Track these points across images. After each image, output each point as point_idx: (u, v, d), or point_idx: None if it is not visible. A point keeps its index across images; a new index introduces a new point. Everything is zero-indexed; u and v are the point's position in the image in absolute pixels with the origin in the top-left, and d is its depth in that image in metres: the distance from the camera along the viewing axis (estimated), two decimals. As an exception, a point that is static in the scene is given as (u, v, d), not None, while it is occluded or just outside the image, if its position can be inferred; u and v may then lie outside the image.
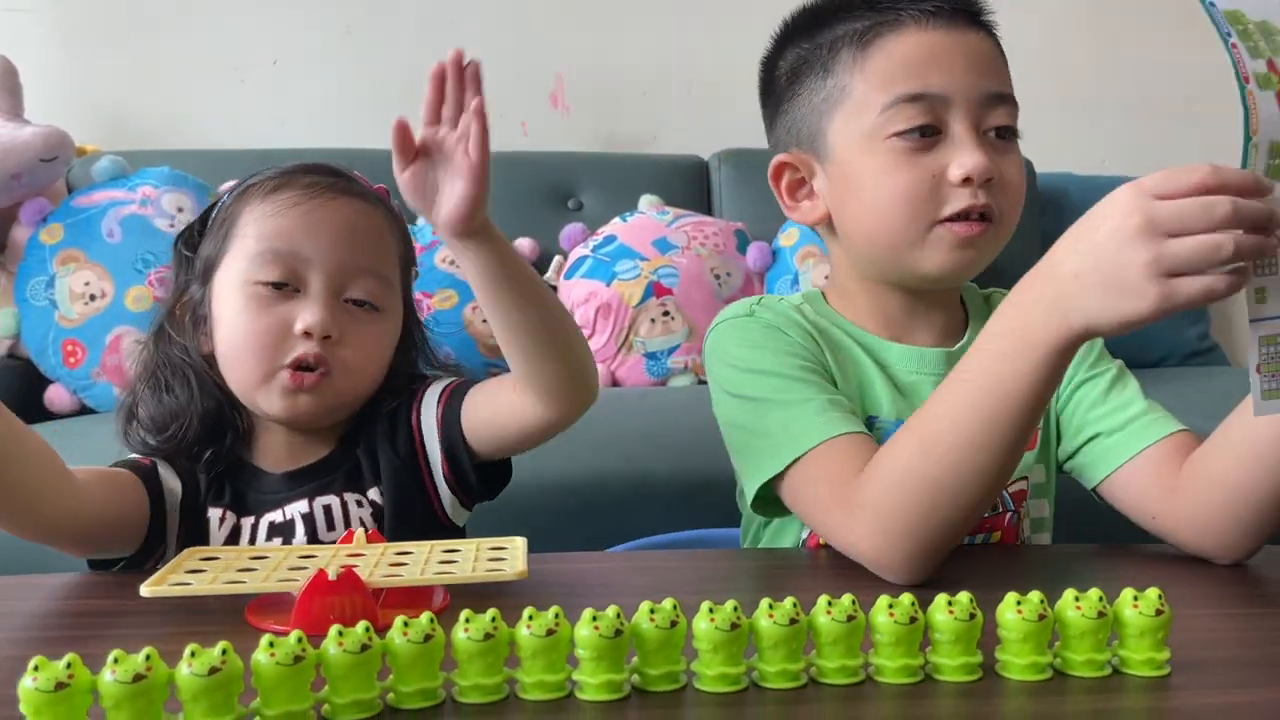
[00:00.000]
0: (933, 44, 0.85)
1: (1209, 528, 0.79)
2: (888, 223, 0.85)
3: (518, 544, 0.74)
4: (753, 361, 0.87)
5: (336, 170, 0.93)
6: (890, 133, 0.84)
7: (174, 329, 0.92)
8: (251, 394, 0.88)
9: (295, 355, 0.86)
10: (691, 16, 2.62)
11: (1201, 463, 0.80)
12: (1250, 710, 0.54)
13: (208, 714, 0.49)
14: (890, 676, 0.56)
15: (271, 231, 0.88)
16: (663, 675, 0.55)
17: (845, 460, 0.78)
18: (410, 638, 0.53)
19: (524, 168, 2.38)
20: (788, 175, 0.92)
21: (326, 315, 0.86)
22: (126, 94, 2.46)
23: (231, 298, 0.88)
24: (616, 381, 2.10)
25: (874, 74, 0.85)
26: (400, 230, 0.96)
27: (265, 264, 0.87)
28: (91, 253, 1.93)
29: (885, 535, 0.73)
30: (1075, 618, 0.57)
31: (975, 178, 0.82)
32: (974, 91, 0.84)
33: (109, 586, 0.78)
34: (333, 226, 0.88)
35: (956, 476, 0.71)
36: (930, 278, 0.87)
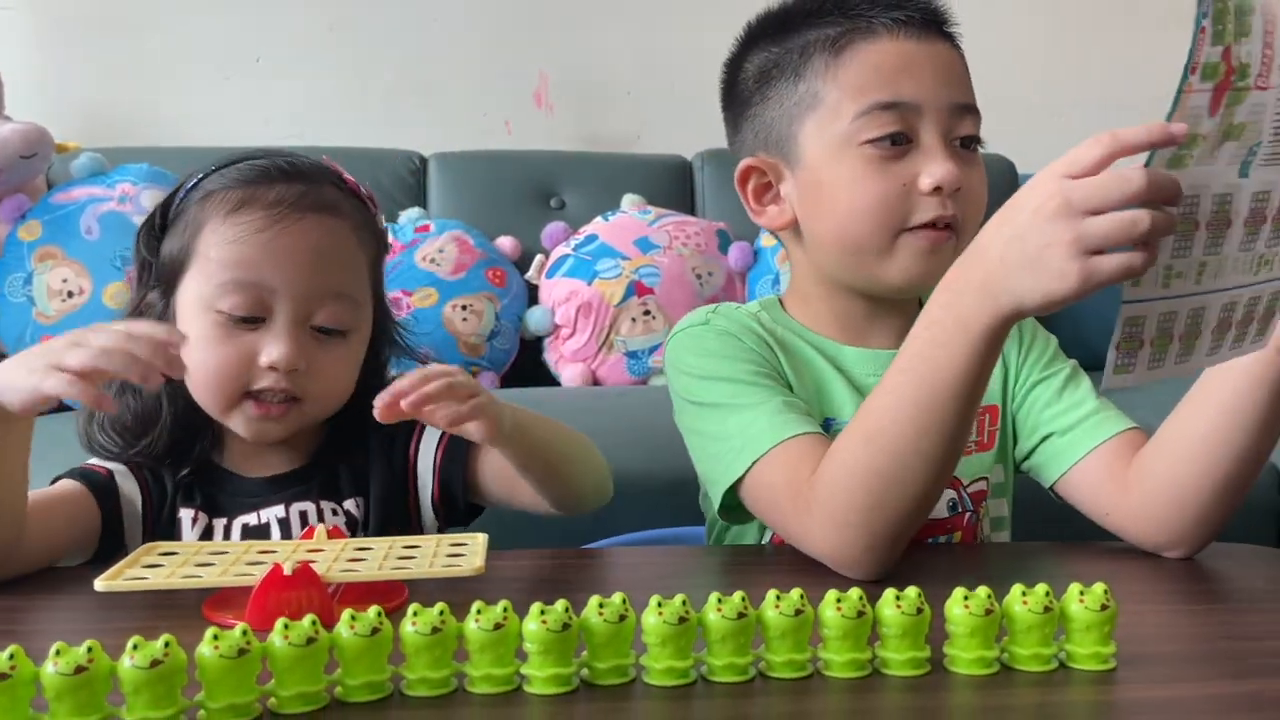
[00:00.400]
0: (905, 53, 0.85)
1: (1157, 523, 0.80)
2: (857, 229, 0.86)
3: (478, 540, 0.74)
4: (709, 369, 0.88)
5: (303, 169, 0.89)
6: (863, 140, 0.84)
7: None
8: (218, 416, 0.87)
9: (261, 386, 0.85)
10: (676, 17, 2.62)
11: (1147, 460, 0.81)
12: (1193, 704, 0.54)
13: (149, 706, 0.49)
14: (838, 670, 0.56)
15: (234, 259, 0.84)
16: (611, 669, 0.56)
17: (800, 461, 0.78)
18: (357, 631, 0.53)
19: (507, 166, 2.38)
20: (754, 179, 0.92)
21: (293, 349, 0.84)
22: (107, 91, 2.46)
23: (195, 320, 0.85)
24: (597, 380, 2.11)
25: (847, 81, 0.85)
26: (371, 229, 0.93)
27: (228, 293, 0.84)
28: (70, 250, 1.92)
29: (839, 530, 0.74)
30: (1022, 612, 0.57)
31: (945, 187, 0.83)
32: (944, 101, 0.85)
33: (63, 580, 0.78)
34: (299, 253, 0.85)
35: (901, 466, 0.72)
36: (895, 286, 0.87)
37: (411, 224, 2.18)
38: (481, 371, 2.05)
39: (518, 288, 2.16)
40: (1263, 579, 0.79)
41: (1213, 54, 0.58)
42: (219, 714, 0.50)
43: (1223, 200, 0.62)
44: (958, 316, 0.69)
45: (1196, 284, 0.63)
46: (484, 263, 2.13)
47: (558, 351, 2.13)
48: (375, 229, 0.94)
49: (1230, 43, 0.58)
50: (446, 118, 2.55)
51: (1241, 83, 0.59)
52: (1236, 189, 0.62)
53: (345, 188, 0.91)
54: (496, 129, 2.59)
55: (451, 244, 2.12)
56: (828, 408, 0.89)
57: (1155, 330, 0.63)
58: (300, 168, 0.89)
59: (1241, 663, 0.61)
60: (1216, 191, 0.62)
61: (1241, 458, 0.76)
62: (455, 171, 2.36)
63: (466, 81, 2.59)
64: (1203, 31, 0.57)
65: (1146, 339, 0.63)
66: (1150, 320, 0.63)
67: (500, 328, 2.08)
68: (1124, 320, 0.62)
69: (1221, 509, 0.78)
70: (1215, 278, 0.64)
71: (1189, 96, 0.58)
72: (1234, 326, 0.66)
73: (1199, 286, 0.63)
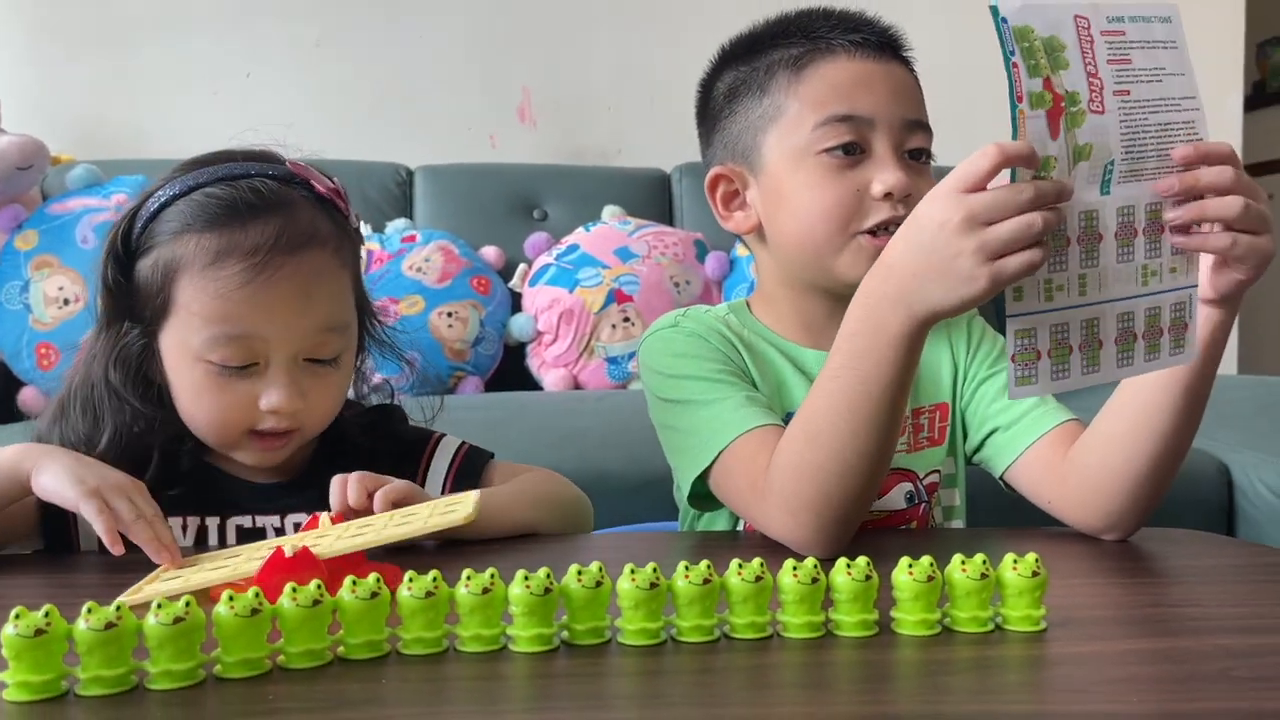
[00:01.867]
0: (861, 71, 0.92)
1: (1091, 509, 0.86)
2: (814, 232, 0.92)
3: (471, 495, 0.80)
4: (678, 368, 0.94)
5: (273, 195, 0.86)
6: (819, 149, 0.91)
7: (119, 370, 0.87)
8: (221, 450, 0.90)
9: (264, 428, 0.86)
10: (656, 36, 2.69)
11: (1079, 453, 0.88)
12: (1115, 656, 0.60)
13: (173, 659, 0.54)
14: (794, 632, 0.62)
15: (220, 314, 0.83)
16: (589, 630, 0.61)
17: (760, 451, 0.84)
18: (358, 594, 0.58)
19: (491, 178, 2.44)
20: (723, 186, 0.98)
21: (294, 392, 0.85)
22: (101, 106, 2.50)
23: (185, 369, 0.85)
24: (578, 385, 2.16)
25: (807, 95, 0.92)
26: (347, 234, 0.91)
27: (218, 347, 0.83)
28: (65, 258, 1.97)
29: (793, 517, 0.80)
30: (961, 579, 0.63)
31: (896, 193, 0.89)
32: (896, 116, 0.91)
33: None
34: (287, 300, 0.84)
35: (841, 462, 0.78)
36: (849, 282, 0.92)
37: (398, 234, 2.24)
38: (466, 376, 2.10)
39: (502, 295, 2.21)
40: (1192, 558, 0.85)
41: (1033, 85, 0.65)
42: (234, 667, 0.55)
43: (1090, 216, 0.68)
44: (876, 327, 0.75)
45: (1081, 295, 0.69)
46: (469, 271, 2.18)
47: (540, 357, 2.19)
48: (349, 231, 0.92)
49: (1047, 74, 0.65)
50: (432, 133, 2.61)
51: (1074, 108, 0.66)
52: (1101, 205, 0.68)
53: (314, 194, 0.89)
54: (481, 143, 2.65)
55: (437, 253, 2.18)
56: (788, 404, 0.95)
57: (1050, 342, 0.69)
58: (270, 193, 0.86)
59: (1163, 624, 0.67)
60: (1082, 209, 0.68)
61: (1161, 452, 0.82)
62: (441, 183, 2.41)
63: (451, 97, 2.64)
64: (1015, 66, 0.64)
65: (1042, 350, 0.68)
66: (1041, 331, 0.68)
67: (485, 334, 2.13)
68: (1013, 333, 0.68)
69: (1148, 495, 0.83)
70: (1100, 289, 0.69)
71: (1025, 121, 0.64)
72: (1140, 338, 0.72)
73: (1084, 298, 0.69)
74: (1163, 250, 0.71)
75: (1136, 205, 0.70)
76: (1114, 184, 0.69)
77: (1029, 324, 0.68)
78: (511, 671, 0.58)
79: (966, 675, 0.57)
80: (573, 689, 0.56)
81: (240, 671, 0.56)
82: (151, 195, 0.88)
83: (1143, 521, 0.85)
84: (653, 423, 0.98)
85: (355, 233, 0.94)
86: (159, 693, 0.53)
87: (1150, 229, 0.71)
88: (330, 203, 0.90)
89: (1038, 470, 0.91)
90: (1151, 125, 0.69)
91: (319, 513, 0.80)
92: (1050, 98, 0.65)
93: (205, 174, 0.87)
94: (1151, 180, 0.70)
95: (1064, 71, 0.65)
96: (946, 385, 0.99)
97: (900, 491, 0.96)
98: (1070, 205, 0.67)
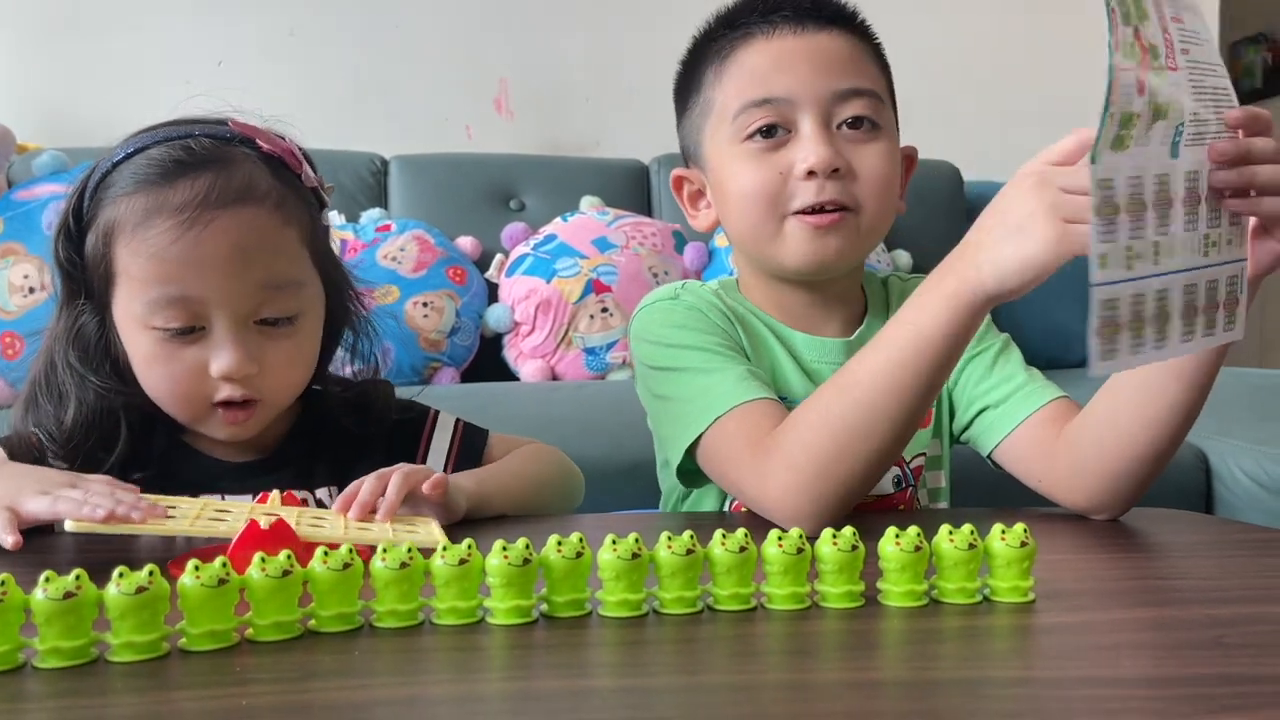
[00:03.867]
0: (778, 51, 0.91)
1: (1082, 490, 0.85)
2: (748, 220, 0.92)
3: (434, 527, 0.78)
4: (677, 338, 0.92)
5: (207, 152, 0.83)
6: (743, 136, 0.91)
7: (76, 349, 0.86)
8: (190, 425, 0.87)
9: (220, 397, 0.84)
10: (633, 25, 2.68)
11: (1073, 433, 0.86)
12: (1102, 625, 0.59)
13: (135, 631, 0.52)
14: (779, 603, 0.60)
15: (156, 275, 0.80)
16: (569, 602, 0.59)
17: (762, 419, 0.83)
18: (330, 565, 0.57)
19: (467, 168, 2.42)
20: (686, 186, 1.00)
21: (240, 355, 0.82)
22: (69, 93, 2.46)
23: (136, 338, 0.83)
24: (556, 376, 2.14)
25: (729, 85, 0.92)
26: (298, 194, 0.87)
27: (158, 310, 0.81)
28: (31, 246, 1.93)
29: (795, 475, 0.78)
30: (949, 549, 0.62)
31: (819, 170, 0.88)
32: (821, 90, 0.90)
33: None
34: (219, 256, 0.80)
35: (868, 420, 0.77)
36: (791, 268, 0.92)
37: (373, 223, 2.21)
38: (442, 367, 2.08)
39: (478, 286, 2.19)
40: (1178, 534, 0.84)
41: (1126, 33, 0.62)
42: (199, 639, 0.53)
43: (1162, 181, 0.66)
44: (943, 286, 0.74)
45: (1155, 264, 0.66)
46: (444, 261, 2.16)
47: (517, 348, 2.16)
48: (303, 192, 0.88)
49: (1136, 24, 0.63)
50: (408, 123, 2.58)
51: (1156, 63, 0.63)
52: (1172, 170, 0.66)
53: (260, 153, 0.86)
54: (457, 134, 2.62)
55: (412, 243, 2.15)
56: (781, 387, 0.94)
57: (1129, 313, 0.66)
58: (204, 150, 0.83)
59: (1151, 595, 0.66)
60: (1155, 172, 0.65)
61: (1160, 437, 0.81)
62: (416, 173, 2.39)
63: (427, 87, 2.62)
64: (1113, 12, 0.62)
65: (1122, 323, 0.65)
66: (1123, 302, 0.65)
67: (460, 324, 2.11)
68: (1099, 304, 0.64)
69: (1142, 478, 0.83)
70: (1170, 258, 0.67)
71: (1121, 75, 0.62)
72: (1201, 312, 0.69)
73: (1157, 267, 0.66)
74: (1221, 220, 0.69)
75: (1201, 171, 0.68)
76: (1182, 148, 0.66)
77: (1113, 294, 0.65)
78: (489, 643, 0.56)
79: (954, 644, 0.56)
80: (552, 659, 0.54)
81: (206, 644, 0.54)
82: (97, 166, 0.86)
83: (1133, 503, 0.84)
84: (640, 397, 0.96)
85: (313, 192, 0.90)
86: (121, 665, 0.52)
87: (1211, 196, 0.68)
88: (277, 161, 0.87)
89: (1028, 448, 0.90)
90: (1208, 88, 0.67)
91: (268, 491, 0.78)
92: (1139, 50, 0.63)
93: (146, 137, 0.85)
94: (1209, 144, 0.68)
95: (1146, 23, 0.63)
96: None
97: (888, 476, 0.95)
98: (1145, 169, 0.65)
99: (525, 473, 0.94)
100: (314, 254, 0.89)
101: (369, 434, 0.92)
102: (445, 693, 0.50)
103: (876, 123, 0.91)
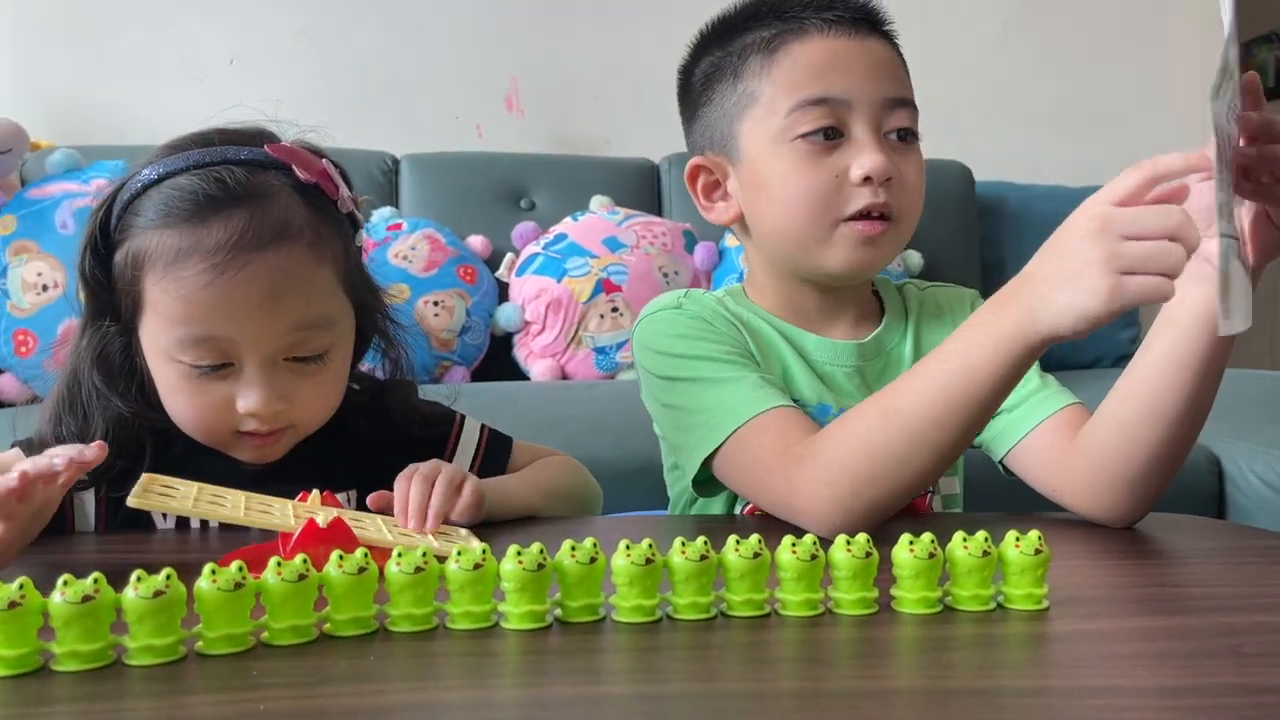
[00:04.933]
0: (835, 50, 0.89)
1: (1095, 497, 0.84)
2: (795, 221, 0.90)
3: (461, 531, 0.79)
4: (685, 348, 0.91)
5: (243, 184, 0.80)
6: (795, 135, 0.88)
7: (101, 370, 0.85)
8: (211, 446, 0.87)
9: (248, 429, 0.83)
10: (644, 24, 2.67)
11: (1084, 440, 0.86)
12: (1117, 634, 0.59)
13: (152, 634, 0.52)
14: (793, 609, 0.60)
15: (185, 316, 0.79)
16: (582, 607, 0.59)
17: (788, 426, 0.82)
18: (345, 570, 0.57)
19: (478, 167, 2.42)
20: (703, 177, 0.96)
21: (268, 395, 0.81)
22: (81, 91, 2.47)
23: (161, 367, 0.83)
24: (566, 375, 2.15)
25: (780, 79, 0.89)
26: (333, 222, 0.86)
27: (188, 348, 0.80)
28: (44, 244, 1.94)
29: (828, 488, 0.78)
30: (962, 556, 0.62)
31: (875, 177, 0.87)
32: (875, 95, 0.88)
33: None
34: (253, 301, 0.79)
35: (908, 447, 0.76)
36: (834, 274, 0.92)
37: (384, 222, 2.22)
38: (453, 366, 2.08)
39: (488, 285, 2.19)
40: (1192, 540, 0.84)
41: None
42: (215, 643, 0.54)
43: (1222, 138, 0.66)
44: (998, 326, 0.73)
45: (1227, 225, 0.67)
46: (455, 260, 2.16)
47: (527, 347, 2.17)
48: (338, 220, 0.86)
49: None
50: (418, 121, 2.59)
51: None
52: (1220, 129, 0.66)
53: (295, 182, 0.83)
54: (468, 132, 2.63)
55: (423, 242, 2.16)
56: (793, 390, 0.93)
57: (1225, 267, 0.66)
58: (237, 184, 0.80)
59: (1167, 603, 0.66)
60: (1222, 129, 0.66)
61: (1171, 438, 0.80)
62: (427, 172, 2.39)
63: (438, 85, 2.62)
64: None
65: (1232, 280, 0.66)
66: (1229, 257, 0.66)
67: (471, 323, 2.11)
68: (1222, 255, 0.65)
69: (1155, 482, 0.82)
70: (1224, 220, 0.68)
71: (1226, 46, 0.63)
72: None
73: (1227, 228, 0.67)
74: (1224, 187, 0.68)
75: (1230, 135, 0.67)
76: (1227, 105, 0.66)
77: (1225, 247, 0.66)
78: (503, 648, 0.56)
79: (968, 652, 0.56)
80: (566, 665, 0.54)
81: (222, 647, 0.54)
82: (127, 183, 0.84)
83: (1147, 510, 0.84)
84: (646, 403, 0.96)
85: (347, 218, 0.88)
86: (138, 668, 0.52)
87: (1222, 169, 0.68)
88: (314, 189, 0.84)
89: (1041, 455, 0.89)
90: (1234, 55, 0.67)
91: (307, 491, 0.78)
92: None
93: (178, 160, 0.82)
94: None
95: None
96: None
97: None
98: (1221, 128, 0.65)
99: (545, 485, 0.94)
100: (347, 285, 0.87)
101: (390, 441, 0.91)
102: (460, 699, 0.50)
103: (916, 134, 0.91)
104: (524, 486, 0.91)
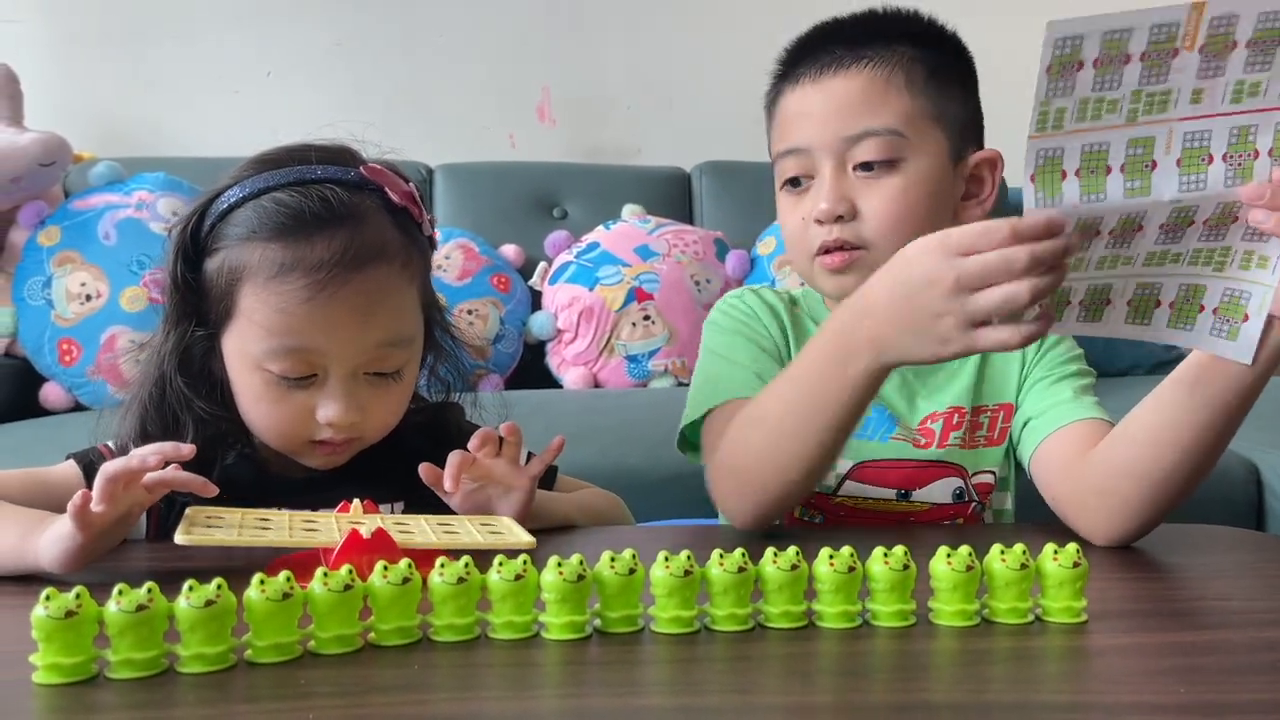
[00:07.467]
0: (800, 99, 0.94)
1: (1085, 510, 0.83)
2: (792, 257, 0.99)
3: (505, 521, 0.79)
4: (725, 324, 0.99)
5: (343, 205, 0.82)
6: (779, 185, 0.96)
7: (185, 377, 0.86)
8: (282, 451, 0.89)
9: (322, 438, 0.86)
10: (675, 34, 2.68)
11: (1095, 452, 0.83)
12: (1155, 648, 0.59)
13: (204, 643, 0.54)
14: (831, 621, 0.61)
15: (280, 328, 0.81)
16: (622, 618, 0.60)
17: (735, 412, 0.87)
18: (389, 580, 0.58)
19: (511, 178, 2.44)
20: None
21: (350, 406, 0.84)
22: (122, 104, 2.52)
23: (245, 374, 0.85)
24: (598, 383, 2.16)
25: (774, 132, 0.97)
26: (418, 245, 0.89)
27: (278, 359, 0.82)
28: (88, 254, 1.97)
29: (721, 483, 0.86)
30: (1000, 569, 0.62)
31: (822, 219, 0.91)
32: (830, 136, 0.91)
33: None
34: (348, 316, 0.82)
35: (775, 450, 0.81)
36: (831, 298, 0.98)
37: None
38: (486, 374, 2.10)
39: (522, 293, 2.21)
40: (1228, 553, 0.83)
41: None
42: (265, 652, 0.55)
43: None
44: (844, 360, 0.75)
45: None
46: (489, 269, 2.18)
47: (560, 355, 2.18)
48: (421, 242, 0.90)
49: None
50: (451, 132, 2.61)
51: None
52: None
53: (386, 203, 0.86)
54: (500, 142, 2.64)
55: (457, 251, 2.18)
56: None
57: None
58: (339, 204, 0.83)
59: (1205, 618, 0.66)
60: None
61: (1176, 464, 0.77)
62: (461, 182, 2.41)
63: (470, 96, 2.64)
64: None
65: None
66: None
67: (505, 332, 2.13)
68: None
69: (1149, 511, 0.79)
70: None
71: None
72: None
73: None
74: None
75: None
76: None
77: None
78: (544, 658, 0.57)
79: (1006, 665, 0.56)
80: (606, 676, 0.55)
81: (271, 656, 0.55)
82: (221, 194, 0.86)
83: (1141, 535, 0.81)
84: None
85: (428, 240, 0.92)
86: (190, 676, 0.53)
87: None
88: (403, 211, 0.87)
89: (1052, 462, 0.88)
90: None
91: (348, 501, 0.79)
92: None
93: (277, 176, 0.84)
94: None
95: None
96: (1013, 386, 0.97)
97: (947, 486, 0.95)
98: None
99: (586, 504, 0.97)
100: (424, 304, 0.91)
101: (439, 456, 0.92)
102: (502, 709, 0.51)
103: (893, 160, 0.90)
104: (566, 503, 0.93)
